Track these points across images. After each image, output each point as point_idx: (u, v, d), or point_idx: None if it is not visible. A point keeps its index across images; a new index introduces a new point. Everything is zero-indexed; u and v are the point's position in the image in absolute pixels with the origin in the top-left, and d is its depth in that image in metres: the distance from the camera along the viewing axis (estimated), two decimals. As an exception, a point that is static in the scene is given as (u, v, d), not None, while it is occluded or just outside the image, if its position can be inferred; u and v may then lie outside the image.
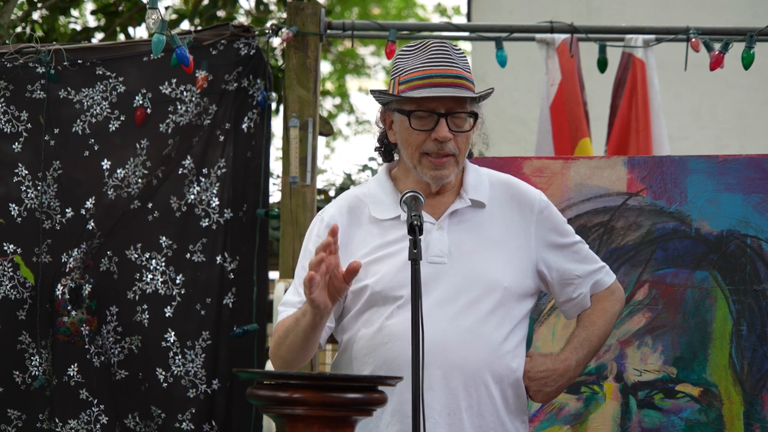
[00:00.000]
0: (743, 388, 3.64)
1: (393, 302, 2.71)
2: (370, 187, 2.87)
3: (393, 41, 4.62)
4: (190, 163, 4.33)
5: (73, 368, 4.22)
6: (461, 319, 2.70)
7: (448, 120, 2.72)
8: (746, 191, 3.69)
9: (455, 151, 2.74)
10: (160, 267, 4.28)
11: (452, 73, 2.73)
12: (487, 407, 2.70)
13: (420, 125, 2.74)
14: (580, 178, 3.74)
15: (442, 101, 2.72)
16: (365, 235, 2.78)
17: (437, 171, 2.75)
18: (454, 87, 2.72)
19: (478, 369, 2.69)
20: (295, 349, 2.70)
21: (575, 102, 4.97)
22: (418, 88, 2.72)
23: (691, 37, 4.55)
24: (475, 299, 2.72)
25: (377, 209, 2.80)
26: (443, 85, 2.71)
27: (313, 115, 4.53)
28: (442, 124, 2.72)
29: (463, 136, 2.75)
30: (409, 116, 2.75)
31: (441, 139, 2.71)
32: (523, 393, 2.78)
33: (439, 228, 2.76)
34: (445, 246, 2.74)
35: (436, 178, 2.76)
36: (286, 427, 2.37)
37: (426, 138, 2.74)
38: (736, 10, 8.72)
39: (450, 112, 2.72)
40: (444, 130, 2.71)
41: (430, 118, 2.73)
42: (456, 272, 2.73)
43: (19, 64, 4.30)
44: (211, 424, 4.25)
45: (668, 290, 3.69)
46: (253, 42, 4.39)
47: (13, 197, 4.29)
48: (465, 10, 11.84)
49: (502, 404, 2.73)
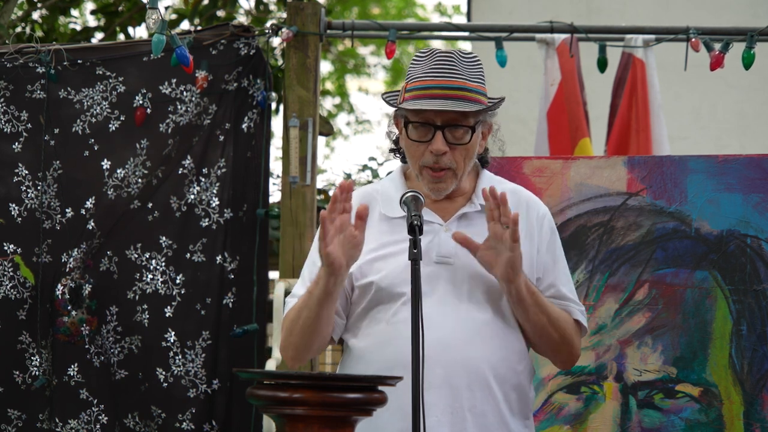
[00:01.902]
0: (743, 388, 3.64)
1: (398, 299, 2.72)
2: (384, 185, 2.88)
3: (393, 41, 4.62)
4: (190, 163, 4.33)
5: (73, 368, 4.22)
6: (465, 318, 2.70)
7: (446, 132, 2.71)
8: (746, 191, 3.69)
9: (452, 165, 2.73)
10: (160, 267, 4.28)
11: (453, 84, 2.71)
12: (489, 407, 2.70)
13: (417, 136, 2.74)
14: (580, 178, 3.74)
15: (439, 113, 2.70)
16: (374, 231, 2.78)
17: (435, 184, 2.75)
18: (453, 99, 2.69)
19: (481, 369, 2.69)
20: (308, 329, 2.69)
21: (575, 102, 4.97)
22: (416, 99, 2.72)
23: (691, 37, 4.55)
24: (480, 300, 2.73)
25: (387, 207, 2.81)
26: (440, 97, 2.70)
27: (313, 114, 4.53)
28: (438, 136, 2.71)
29: (462, 149, 2.73)
30: (407, 127, 2.75)
31: (435, 152, 2.71)
32: (527, 396, 2.78)
33: (447, 230, 2.77)
34: (452, 247, 2.74)
35: (435, 191, 2.76)
36: (286, 427, 2.37)
37: (424, 150, 2.73)
38: (736, 10, 8.71)
39: (447, 125, 2.71)
40: (438, 143, 2.71)
41: (427, 130, 2.72)
42: (462, 272, 2.74)
43: (19, 64, 4.30)
44: (211, 424, 4.25)
45: (668, 290, 3.69)
46: (253, 42, 4.39)
47: (13, 197, 4.29)
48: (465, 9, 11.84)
49: (506, 405, 2.73)
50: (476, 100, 2.72)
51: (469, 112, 2.71)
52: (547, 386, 3.70)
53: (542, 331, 2.75)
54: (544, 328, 2.75)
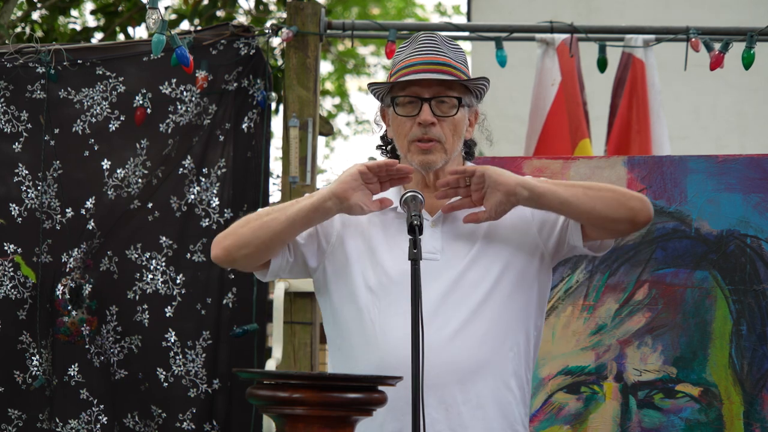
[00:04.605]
0: (743, 388, 3.64)
1: (385, 297, 2.72)
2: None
3: (393, 41, 4.62)
4: (190, 163, 4.33)
5: (73, 368, 4.22)
6: (452, 313, 2.70)
7: (433, 104, 2.74)
8: (746, 191, 3.69)
9: (441, 137, 2.75)
10: (161, 267, 4.28)
11: (437, 60, 2.75)
12: (487, 399, 2.70)
13: (405, 111, 2.76)
14: (580, 178, 3.74)
15: (426, 87, 2.74)
16: (366, 224, 2.79)
17: (424, 156, 2.76)
18: (438, 72, 2.74)
19: (471, 365, 2.69)
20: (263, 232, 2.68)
21: (575, 102, 4.97)
22: (402, 76, 2.75)
23: (691, 37, 4.55)
24: (467, 294, 2.72)
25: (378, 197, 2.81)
26: (426, 71, 2.74)
27: (312, 114, 4.54)
28: (425, 108, 2.73)
29: (449, 121, 2.76)
30: (394, 104, 2.77)
31: (423, 122, 2.73)
32: (523, 383, 2.77)
33: (433, 225, 2.76)
34: (438, 243, 2.74)
35: (424, 163, 2.76)
36: (286, 427, 2.37)
37: (412, 124, 2.75)
38: (736, 10, 8.72)
39: (434, 97, 2.74)
40: (426, 114, 2.73)
41: (415, 104, 2.75)
42: (448, 268, 2.74)
43: (19, 64, 4.30)
44: (211, 424, 4.25)
45: (668, 290, 3.69)
46: (253, 42, 4.40)
47: (14, 197, 4.29)
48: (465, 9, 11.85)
49: (503, 393, 2.72)
50: (461, 76, 2.77)
51: (454, 86, 2.75)
52: (547, 386, 3.70)
53: (596, 201, 2.68)
54: (595, 198, 2.68)
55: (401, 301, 2.63)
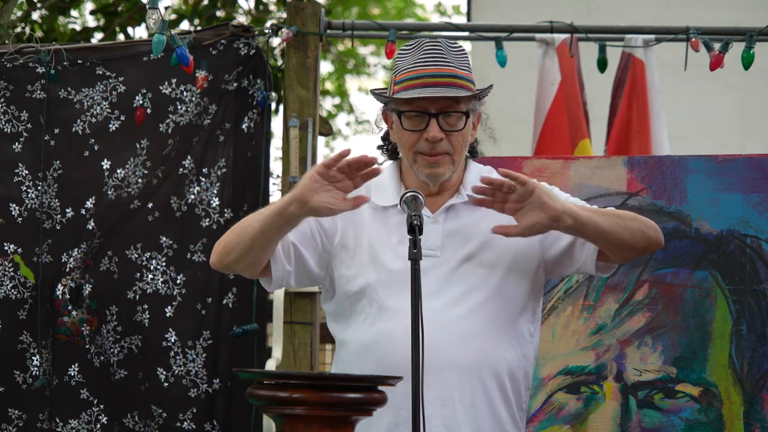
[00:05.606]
0: (743, 388, 3.64)
1: (385, 297, 2.72)
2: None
3: (393, 41, 4.62)
4: (190, 163, 4.34)
5: (73, 368, 4.22)
6: (452, 311, 2.70)
7: (440, 119, 2.71)
8: (746, 191, 3.69)
9: (449, 150, 2.73)
10: (161, 267, 4.28)
11: (444, 72, 2.71)
12: (480, 399, 2.70)
13: (411, 126, 2.74)
14: (580, 178, 3.74)
15: (433, 101, 2.71)
16: (367, 220, 2.79)
17: (432, 169, 2.74)
18: (446, 86, 2.70)
19: (470, 363, 2.69)
20: (242, 238, 2.65)
21: (575, 103, 4.97)
22: (408, 89, 2.71)
23: (691, 37, 4.55)
24: (468, 291, 2.72)
25: (379, 195, 2.80)
26: (433, 84, 2.70)
27: (312, 115, 4.54)
28: (433, 124, 2.71)
29: (458, 134, 2.73)
30: (400, 117, 2.75)
31: (431, 139, 2.71)
32: (519, 385, 2.78)
33: (434, 221, 2.76)
34: (438, 239, 2.74)
35: (431, 176, 2.75)
36: (286, 427, 2.37)
37: (418, 138, 2.73)
38: (735, 10, 8.71)
39: (441, 112, 2.72)
40: (434, 131, 2.71)
41: (422, 119, 2.72)
42: (449, 265, 2.73)
43: (19, 64, 4.31)
44: (212, 424, 4.25)
45: (668, 290, 3.69)
46: (253, 42, 4.40)
47: (14, 197, 4.29)
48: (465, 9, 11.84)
49: (498, 396, 2.73)
50: (467, 87, 2.73)
51: (461, 99, 2.72)
52: (547, 386, 3.70)
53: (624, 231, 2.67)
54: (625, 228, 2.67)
55: (401, 299, 2.63)
